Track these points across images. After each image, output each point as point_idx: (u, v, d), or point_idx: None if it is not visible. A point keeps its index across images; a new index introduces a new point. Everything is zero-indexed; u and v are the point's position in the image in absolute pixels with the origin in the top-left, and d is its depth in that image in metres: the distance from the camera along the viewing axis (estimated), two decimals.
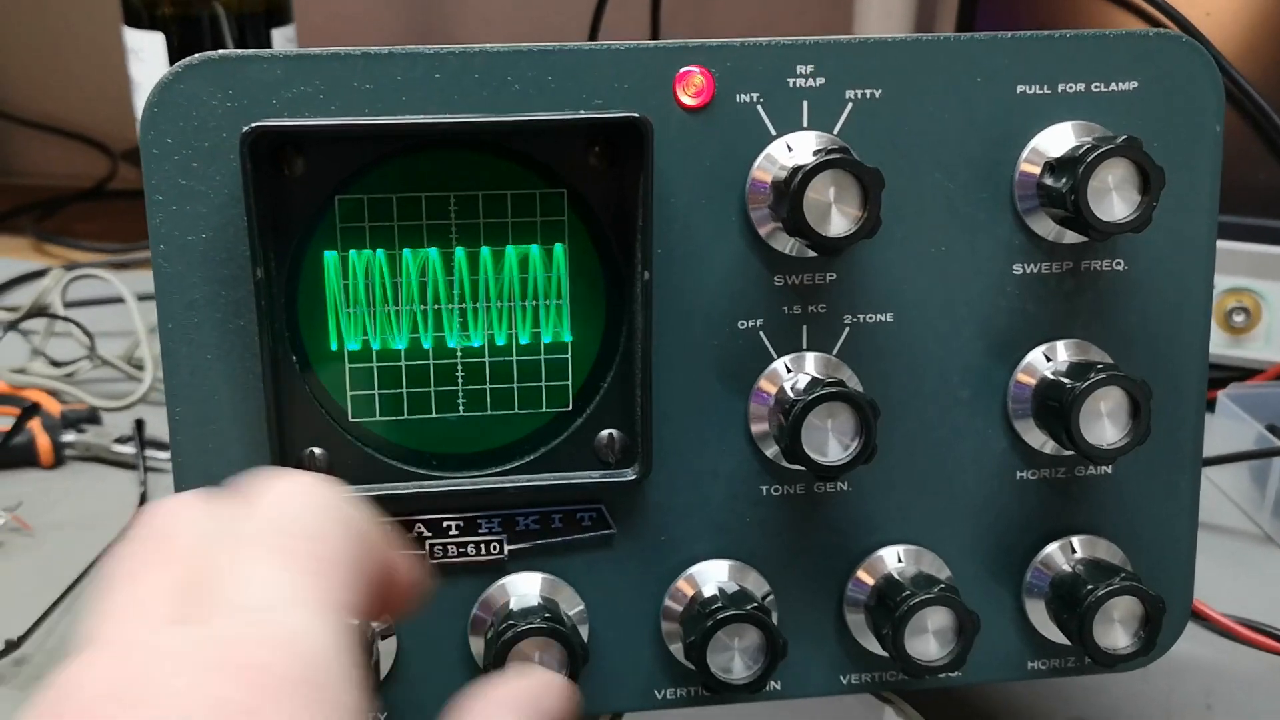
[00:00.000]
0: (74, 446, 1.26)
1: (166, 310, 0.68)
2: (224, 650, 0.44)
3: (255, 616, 0.46)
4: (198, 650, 0.44)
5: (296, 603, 0.47)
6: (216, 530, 0.51)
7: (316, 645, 0.45)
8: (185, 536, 0.51)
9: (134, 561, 0.51)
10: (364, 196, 0.68)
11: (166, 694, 0.43)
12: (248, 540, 0.49)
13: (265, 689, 0.43)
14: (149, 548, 0.51)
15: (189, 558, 0.50)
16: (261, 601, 0.47)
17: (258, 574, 0.48)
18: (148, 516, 0.53)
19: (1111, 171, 0.67)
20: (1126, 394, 0.69)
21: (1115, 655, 0.71)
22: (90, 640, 0.47)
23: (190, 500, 0.53)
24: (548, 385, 0.71)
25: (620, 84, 0.68)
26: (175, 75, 0.66)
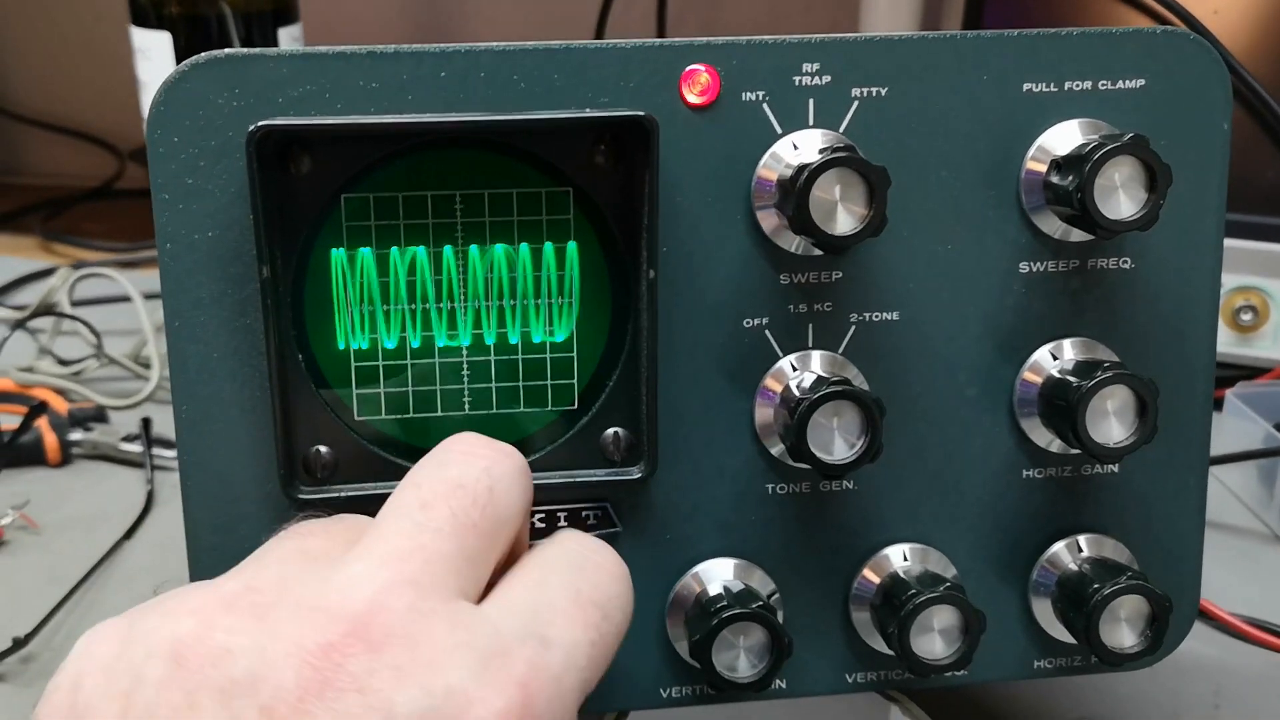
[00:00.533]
0: (81, 445, 1.26)
1: (173, 308, 0.68)
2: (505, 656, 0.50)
3: (543, 651, 0.51)
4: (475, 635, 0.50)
5: (577, 669, 0.52)
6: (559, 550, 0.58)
7: (566, 710, 0.51)
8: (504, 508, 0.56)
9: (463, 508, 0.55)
10: (370, 195, 0.68)
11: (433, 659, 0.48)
12: (570, 586, 0.55)
13: (526, 712, 0.48)
14: (470, 513, 0.54)
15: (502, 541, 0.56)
16: (559, 647, 0.52)
17: (564, 621, 0.53)
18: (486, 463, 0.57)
19: (1118, 169, 0.67)
20: (1133, 392, 0.69)
21: (1122, 654, 0.71)
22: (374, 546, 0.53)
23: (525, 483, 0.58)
24: (553, 383, 0.71)
25: (626, 82, 0.68)
26: (182, 74, 0.66)
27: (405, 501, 0.54)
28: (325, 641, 0.48)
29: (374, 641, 0.48)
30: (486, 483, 0.55)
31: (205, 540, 0.70)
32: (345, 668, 0.47)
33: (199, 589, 0.51)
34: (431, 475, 0.56)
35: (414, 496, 0.55)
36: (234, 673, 0.47)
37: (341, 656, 0.47)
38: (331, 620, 0.48)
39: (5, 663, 0.94)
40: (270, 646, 0.47)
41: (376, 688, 0.47)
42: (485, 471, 0.56)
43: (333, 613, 0.49)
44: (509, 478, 0.56)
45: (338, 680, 0.47)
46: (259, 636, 0.48)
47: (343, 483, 0.70)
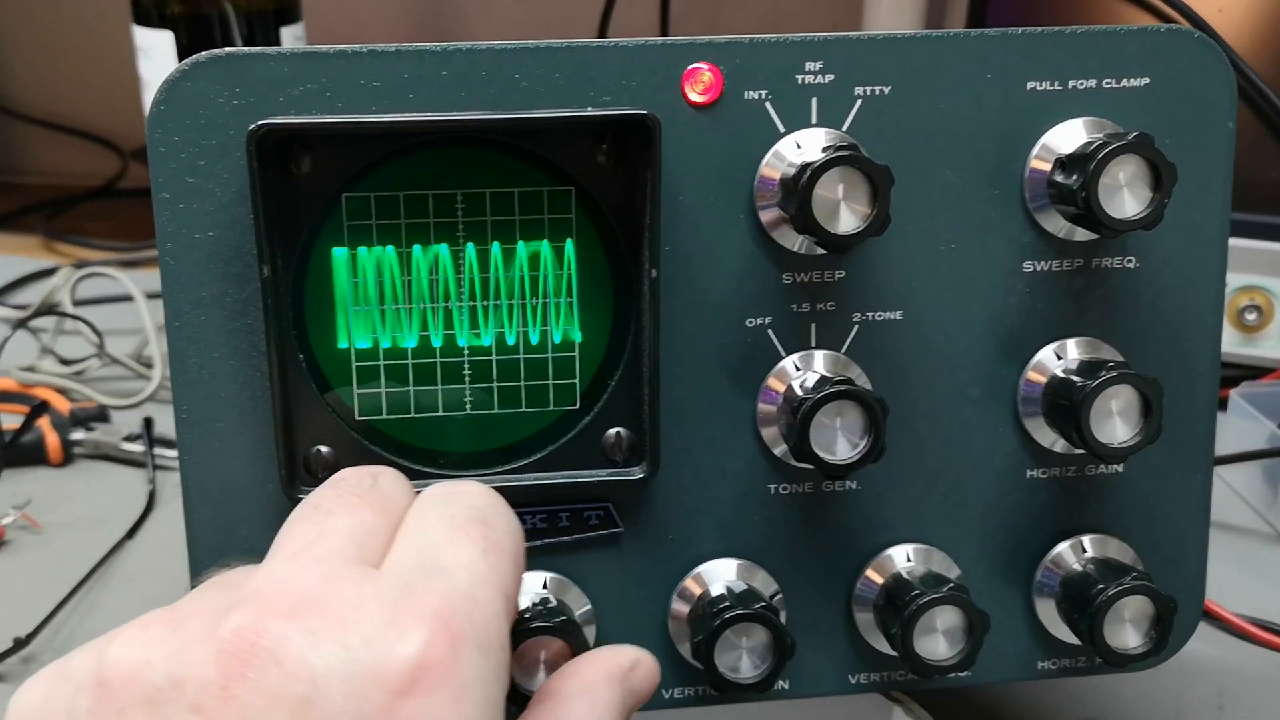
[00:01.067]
0: (83, 445, 1.26)
1: (174, 308, 0.68)
2: (411, 594, 0.50)
3: (443, 577, 0.51)
4: (380, 587, 0.51)
5: (483, 580, 0.52)
6: (424, 499, 0.58)
7: (490, 618, 0.51)
8: (390, 491, 0.58)
9: (349, 493, 0.57)
10: (371, 194, 0.68)
11: (344, 615, 0.49)
12: (453, 517, 0.55)
13: (449, 638, 0.49)
14: (356, 493, 0.57)
15: (394, 515, 0.56)
16: (455, 565, 0.52)
17: (457, 546, 0.53)
18: (368, 469, 0.60)
19: (1123, 168, 0.67)
20: (1137, 392, 0.69)
21: (1126, 655, 0.71)
22: (282, 546, 0.54)
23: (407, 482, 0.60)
24: (555, 384, 0.71)
25: (628, 81, 0.68)
26: (182, 73, 0.66)
27: (299, 513, 0.57)
28: (237, 625, 0.48)
29: (283, 612, 0.49)
30: (369, 472, 0.59)
31: (206, 540, 0.70)
32: (260, 644, 0.47)
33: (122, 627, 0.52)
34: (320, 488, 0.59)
35: (306, 504, 0.57)
36: (155, 680, 0.47)
37: (255, 634, 0.48)
38: (242, 605, 0.49)
39: (6, 663, 0.93)
40: (186, 647, 0.48)
41: (294, 655, 0.47)
42: (366, 471, 0.59)
43: (244, 600, 0.50)
44: (390, 473, 0.59)
45: (255, 658, 0.47)
46: (173, 642, 0.48)
47: None
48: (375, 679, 0.47)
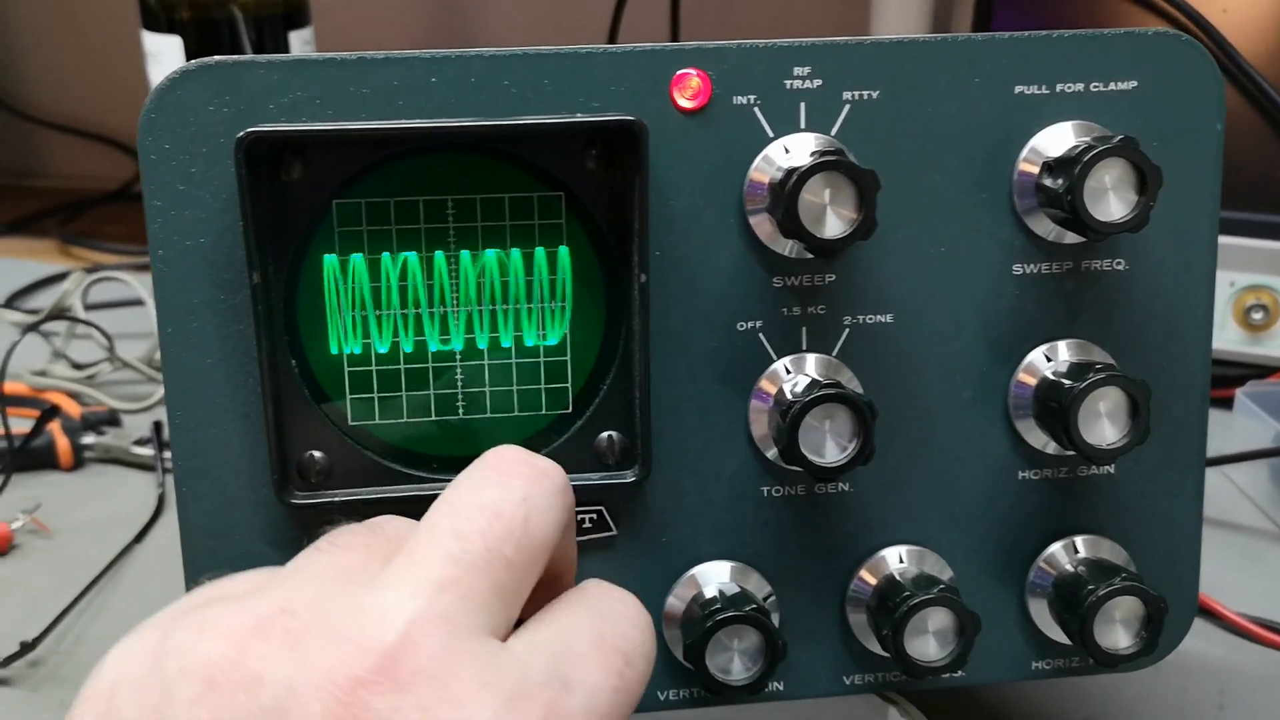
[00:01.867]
0: (93, 449, 1.27)
1: (166, 315, 0.68)
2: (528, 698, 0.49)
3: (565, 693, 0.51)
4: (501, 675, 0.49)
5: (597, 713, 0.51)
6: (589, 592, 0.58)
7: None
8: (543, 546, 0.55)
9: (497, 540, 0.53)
10: (362, 201, 0.68)
11: (459, 698, 0.48)
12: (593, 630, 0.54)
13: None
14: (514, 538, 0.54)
15: (533, 573, 0.55)
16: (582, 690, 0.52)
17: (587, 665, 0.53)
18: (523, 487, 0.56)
19: (1108, 171, 0.67)
20: (1125, 394, 0.69)
21: (1117, 655, 0.71)
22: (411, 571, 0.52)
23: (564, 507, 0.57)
24: (547, 388, 0.72)
25: (618, 87, 0.68)
26: (173, 81, 0.66)
27: (440, 527, 0.54)
28: (353, 676, 0.48)
29: (402, 680, 0.48)
30: (523, 512, 0.55)
31: (200, 545, 0.71)
32: (371, 705, 0.47)
33: (234, 606, 0.51)
34: (467, 499, 0.55)
35: (449, 523, 0.54)
36: (263, 700, 0.47)
37: (369, 693, 0.47)
38: (361, 654, 0.48)
39: (13, 666, 0.94)
40: (299, 678, 0.48)
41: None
42: (523, 500, 0.55)
43: (363, 646, 0.49)
44: (545, 501, 0.56)
45: (362, 717, 0.47)
46: (289, 666, 0.48)
47: (337, 488, 0.70)
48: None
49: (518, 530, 0.54)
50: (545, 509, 0.55)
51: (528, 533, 0.54)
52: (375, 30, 2.12)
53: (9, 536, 1.11)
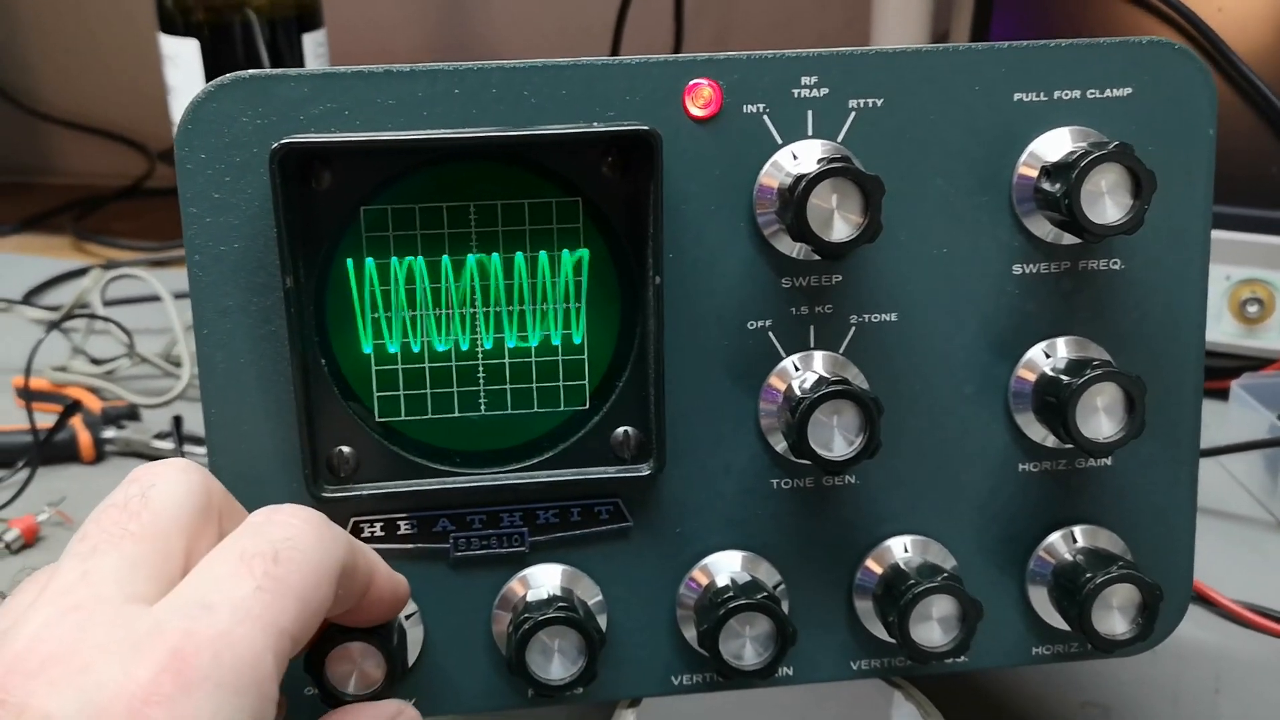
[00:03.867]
0: (114, 442, 1.29)
1: (201, 317, 0.70)
2: (157, 633, 0.50)
3: (203, 613, 0.51)
4: (133, 628, 0.50)
5: (247, 617, 0.52)
6: (204, 522, 0.57)
7: (249, 655, 0.51)
8: (171, 515, 0.57)
9: (114, 523, 0.56)
10: (388, 207, 0.70)
11: (87, 661, 0.49)
12: (243, 551, 0.54)
13: (181, 678, 0.49)
14: (121, 524, 0.56)
15: (168, 539, 0.55)
16: (219, 601, 0.52)
17: (231, 582, 0.53)
18: (146, 478, 0.58)
19: (1104, 176, 0.69)
20: (1121, 389, 0.71)
21: (1114, 641, 0.73)
22: (49, 588, 0.53)
23: (190, 482, 0.59)
24: (565, 385, 0.74)
25: (632, 97, 0.70)
26: (208, 94, 0.68)
27: (70, 547, 0.57)
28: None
29: (31, 670, 0.50)
30: (138, 492, 0.57)
31: None
32: (7, 701, 0.49)
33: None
34: (99, 509, 0.58)
35: (75, 539, 0.57)
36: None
37: (3, 692, 0.50)
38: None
39: None
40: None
41: (34, 706, 0.49)
42: (138, 484, 0.58)
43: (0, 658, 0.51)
44: (167, 479, 0.58)
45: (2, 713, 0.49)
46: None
47: (365, 481, 0.73)
48: (104, 717, 0.48)
49: (135, 505, 0.56)
50: (168, 485, 0.58)
51: (148, 505, 0.56)
52: (385, 32, 2.13)
53: (35, 528, 1.13)
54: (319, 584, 0.56)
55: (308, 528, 0.58)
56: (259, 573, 0.54)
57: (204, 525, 0.58)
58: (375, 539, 0.73)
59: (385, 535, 0.73)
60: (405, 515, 0.73)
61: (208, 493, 0.60)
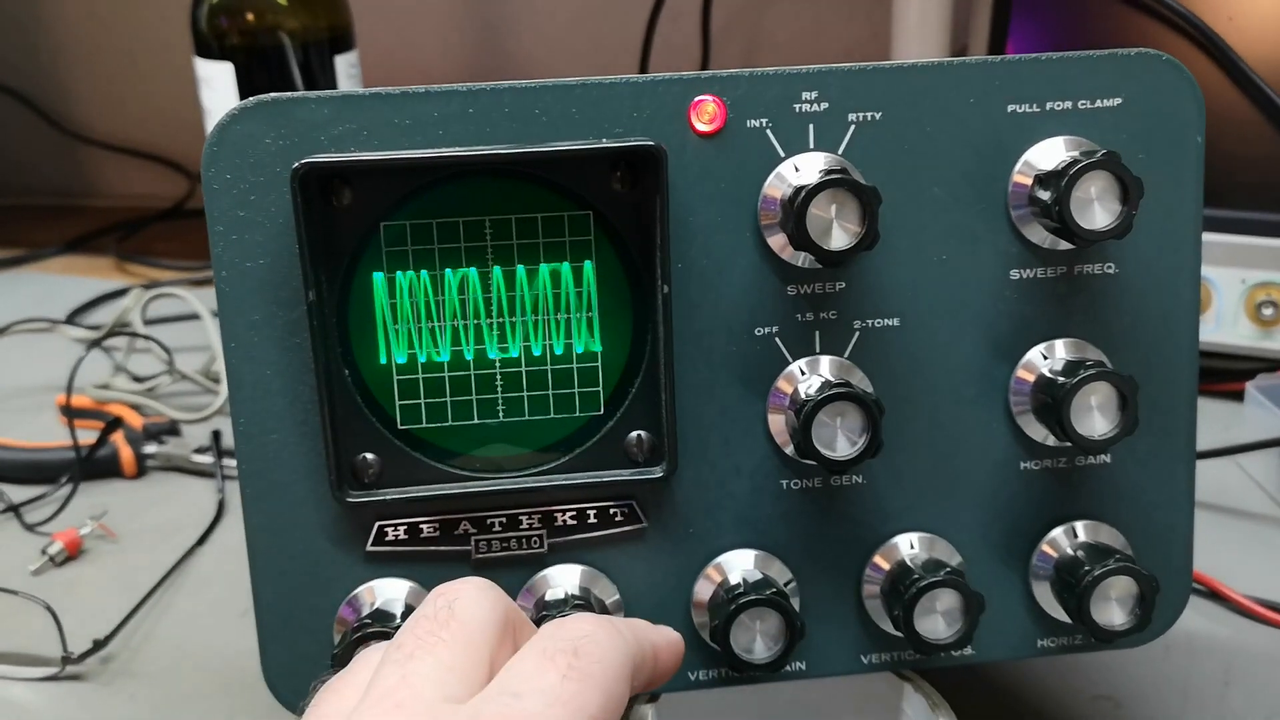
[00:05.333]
0: (155, 457, 1.30)
1: (229, 330, 0.73)
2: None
3: (514, 701, 0.54)
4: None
5: (557, 703, 0.55)
6: (504, 633, 0.60)
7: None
8: (476, 624, 0.59)
9: (427, 632, 0.59)
10: (407, 222, 0.73)
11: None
12: (544, 650, 0.57)
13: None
14: (433, 632, 0.59)
15: (476, 646, 0.58)
16: (529, 691, 0.55)
17: (538, 674, 0.56)
18: (450, 593, 0.61)
19: (1093, 183, 0.71)
20: (1114, 388, 0.73)
21: (1113, 632, 0.75)
22: (371, 692, 0.57)
23: (490, 596, 0.61)
24: (580, 391, 0.76)
25: (639, 114, 0.73)
26: (232, 117, 0.71)
27: (387, 654, 0.59)
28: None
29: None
30: (445, 604, 0.60)
31: (263, 542, 0.75)
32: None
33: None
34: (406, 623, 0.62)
35: (391, 645, 0.60)
36: None
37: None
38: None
39: (87, 663, 0.98)
40: None
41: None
42: (444, 598, 0.61)
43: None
44: (469, 595, 0.61)
45: None
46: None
47: (388, 486, 0.75)
48: None
49: (443, 615, 0.59)
50: (470, 598, 0.61)
51: (454, 615, 0.59)
52: (418, 54, 2.15)
53: (78, 542, 1.15)
54: (618, 676, 0.59)
55: (599, 626, 0.60)
56: (562, 665, 0.57)
57: (503, 636, 0.61)
58: (399, 542, 0.75)
59: (409, 538, 0.76)
60: (428, 519, 0.76)
61: (505, 606, 0.62)
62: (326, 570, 0.76)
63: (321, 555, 0.75)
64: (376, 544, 0.76)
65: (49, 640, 0.99)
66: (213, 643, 1.02)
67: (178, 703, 0.95)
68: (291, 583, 0.76)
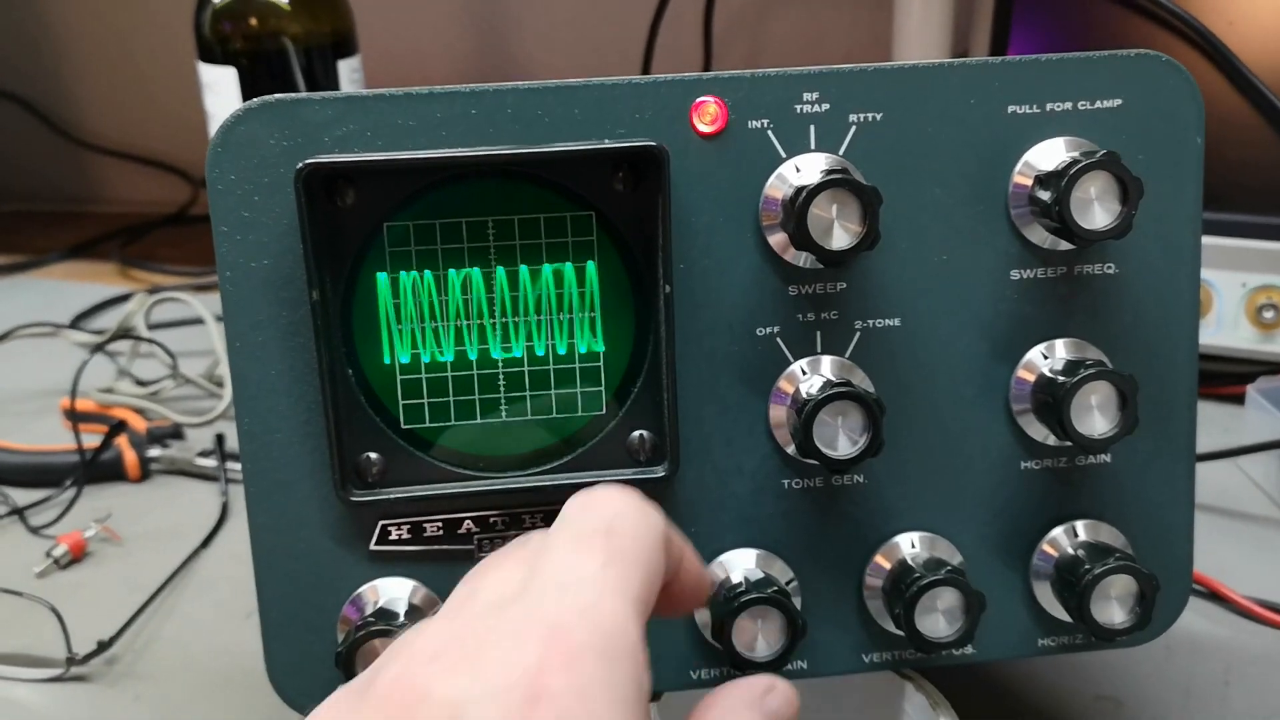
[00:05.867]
0: (159, 461, 1.31)
1: (233, 331, 0.73)
2: (528, 617, 0.54)
3: (561, 594, 0.55)
4: (504, 619, 0.54)
5: (606, 589, 0.55)
6: (560, 517, 0.60)
7: (616, 623, 0.54)
8: (535, 544, 0.60)
9: (490, 562, 0.61)
10: (410, 223, 0.73)
11: (472, 650, 0.53)
12: (578, 534, 0.58)
13: (565, 650, 0.52)
14: (507, 552, 0.61)
15: (536, 551, 0.59)
16: (575, 581, 0.55)
17: (579, 561, 0.56)
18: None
19: (1093, 184, 0.71)
20: (1114, 387, 0.73)
21: (1113, 630, 0.75)
22: (445, 610, 0.58)
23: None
24: (583, 391, 0.76)
25: (641, 115, 0.73)
26: (236, 118, 0.71)
27: (466, 576, 0.61)
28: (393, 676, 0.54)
29: (428, 657, 0.54)
30: (524, 537, 0.62)
31: (267, 541, 0.76)
32: (413, 688, 0.53)
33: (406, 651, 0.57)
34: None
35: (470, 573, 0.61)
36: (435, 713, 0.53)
37: (407, 680, 0.53)
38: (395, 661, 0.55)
39: (91, 664, 0.99)
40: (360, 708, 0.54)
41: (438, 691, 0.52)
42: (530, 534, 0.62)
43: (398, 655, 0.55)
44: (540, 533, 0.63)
45: (408, 701, 0.52)
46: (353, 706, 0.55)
47: (391, 485, 0.75)
48: (505, 694, 0.52)
49: (518, 541, 0.62)
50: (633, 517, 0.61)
51: (526, 542, 0.61)
52: (421, 59, 2.15)
53: (83, 544, 1.15)
54: (653, 549, 0.59)
55: (627, 502, 0.61)
56: (598, 548, 0.57)
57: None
58: (402, 541, 0.76)
59: (412, 537, 0.76)
60: (431, 518, 0.76)
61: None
62: (330, 569, 0.76)
63: (325, 554, 0.76)
64: (380, 543, 0.76)
65: (54, 642, 0.99)
66: (217, 644, 1.02)
67: (182, 704, 0.95)
68: (295, 582, 0.76)
